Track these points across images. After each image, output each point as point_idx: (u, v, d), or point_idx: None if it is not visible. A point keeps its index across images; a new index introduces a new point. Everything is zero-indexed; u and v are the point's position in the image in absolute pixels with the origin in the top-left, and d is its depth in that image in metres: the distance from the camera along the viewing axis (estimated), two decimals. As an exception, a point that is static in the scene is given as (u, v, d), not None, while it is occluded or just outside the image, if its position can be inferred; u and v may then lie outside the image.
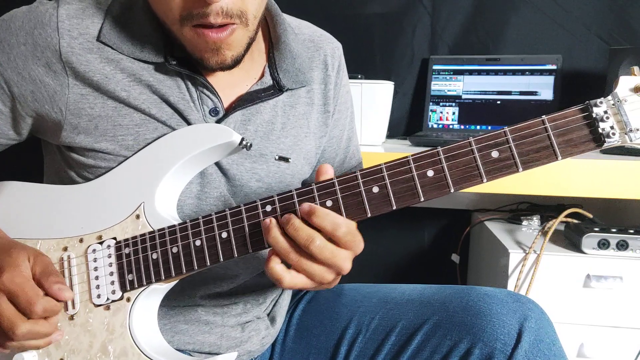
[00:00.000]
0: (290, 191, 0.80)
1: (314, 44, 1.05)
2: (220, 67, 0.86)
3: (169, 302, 0.94)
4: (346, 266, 0.79)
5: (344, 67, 1.11)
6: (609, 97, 0.73)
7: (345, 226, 0.76)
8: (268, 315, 1.08)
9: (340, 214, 0.78)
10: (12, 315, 0.80)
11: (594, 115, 0.72)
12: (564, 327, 1.35)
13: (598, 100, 0.73)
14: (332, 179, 0.78)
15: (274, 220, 0.78)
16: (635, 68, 0.73)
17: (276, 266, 0.78)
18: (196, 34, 0.82)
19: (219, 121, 0.92)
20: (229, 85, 0.95)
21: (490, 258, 1.61)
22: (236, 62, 0.87)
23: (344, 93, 1.11)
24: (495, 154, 0.74)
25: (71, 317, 0.87)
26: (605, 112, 0.72)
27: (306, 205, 0.77)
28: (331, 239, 0.77)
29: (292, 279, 0.78)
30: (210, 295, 0.98)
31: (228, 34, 0.82)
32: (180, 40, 0.85)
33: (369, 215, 0.78)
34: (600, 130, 0.72)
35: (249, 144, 0.86)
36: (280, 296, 1.11)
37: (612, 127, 0.71)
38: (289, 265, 0.79)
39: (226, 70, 0.88)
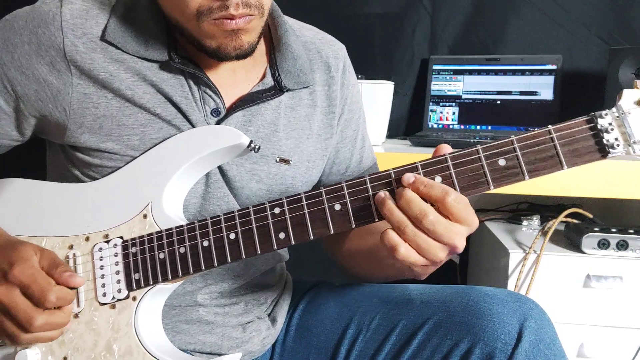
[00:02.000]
0: (299, 194, 0.80)
1: (315, 46, 1.05)
2: (237, 54, 0.86)
3: (171, 302, 0.94)
4: (461, 243, 0.76)
5: (349, 67, 1.11)
6: (614, 109, 0.74)
7: (455, 193, 0.74)
8: (269, 315, 1.08)
9: (348, 218, 0.78)
10: (29, 308, 0.80)
11: (599, 126, 0.73)
12: (564, 327, 1.35)
13: (603, 112, 0.74)
14: (340, 183, 0.79)
15: (387, 193, 0.77)
16: (639, 82, 0.75)
17: (393, 234, 0.75)
18: (215, 24, 0.82)
19: (219, 121, 0.92)
20: (231, 85, 0.95)
21: (490, 258, 1.61)
22: (252, 49, 0.87)
23: (354, 93, 1.11)
24: (502, 162, 0.75)
25: (76, 315, 0.87)
26: (610, 123, 0.73)
27: (410, 176, 0.76)
28: (443, 212, 0.74)
29: (407, 250, 0.75)
30: (212, 295, 0.98)
31: (246, 21, 0.82)
32: (196, 35, 0.85)
33: (377, 220, 0.78)
34: (605, 142, 0.73)
35: (257, 147, 0.86)
36: (281, 296, 1.11)
37: (616, 139, 0.73)
38: None
39: (242, 58, 0.88)
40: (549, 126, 0.74)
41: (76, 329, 0.87)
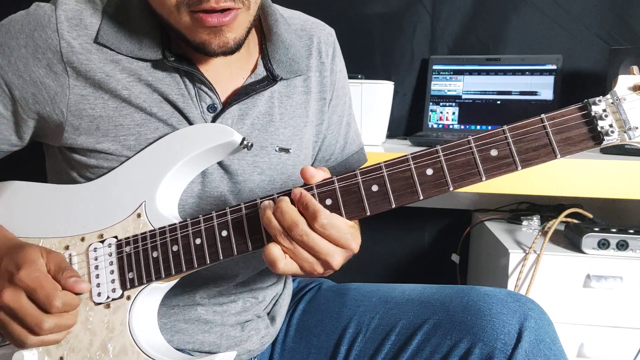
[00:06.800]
0: (291, 189, 0.79)
1: (306, 33, 1.05)
2: (222, 51, 0.85)
3: (169, 301, 0.95)
4: (334, 261, 0.78)
5: (338, 52, 1.10)
6: (608, 96, 0.73)
7: (326, 218, 0.75)
8: (268, 314, 1.08)
9: (340, 212, 0.78)
10: (36, 312, 0.81)
11: (592, 113, 0.72)
12: (564, 327, 1.35)
13: (597, 99, 0.73)
14: (331, 178, 0.79)
15: (270, 202, 0.78)
16: (635, 67, 0.73)
17: (274, 248, 0.76)
18: (195, 20, 0.81)
19: (216, 116, 0.92)
20: (225, 80, 0.95)
21: (490, 258, 1.61)
22: (238, 45, 0.86)
23: (341, 78, 1.10)
24: (494, 152, 0.74)
25: (72, 316, 0.87)
26: (604, 110, 0.72)
27: (297, 191, 0.77)
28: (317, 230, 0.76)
29: (286, 265, 0.77)
30: (210, 294, 0.99)
31: (231, 18, 0.81)
32: (179, 28, 0.84)
33: (368, 213, 0.78)
34: (599, 129, 0.72)
35: (250, 144, 0.86)
36: (281, 295, 1.11)
37: (610, 126, 0.72)
38: None
39: (228, 54, 0.87)
40: (542, 114, 0.73)
41: (72, 329, 0.87)
